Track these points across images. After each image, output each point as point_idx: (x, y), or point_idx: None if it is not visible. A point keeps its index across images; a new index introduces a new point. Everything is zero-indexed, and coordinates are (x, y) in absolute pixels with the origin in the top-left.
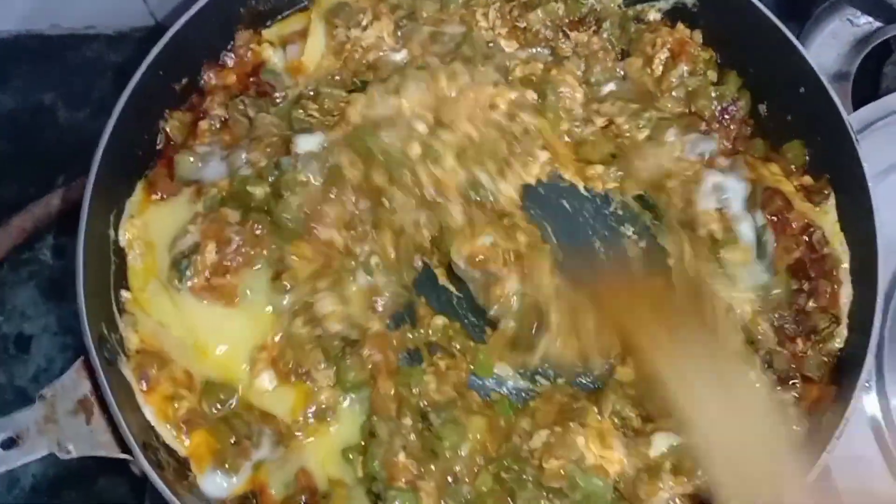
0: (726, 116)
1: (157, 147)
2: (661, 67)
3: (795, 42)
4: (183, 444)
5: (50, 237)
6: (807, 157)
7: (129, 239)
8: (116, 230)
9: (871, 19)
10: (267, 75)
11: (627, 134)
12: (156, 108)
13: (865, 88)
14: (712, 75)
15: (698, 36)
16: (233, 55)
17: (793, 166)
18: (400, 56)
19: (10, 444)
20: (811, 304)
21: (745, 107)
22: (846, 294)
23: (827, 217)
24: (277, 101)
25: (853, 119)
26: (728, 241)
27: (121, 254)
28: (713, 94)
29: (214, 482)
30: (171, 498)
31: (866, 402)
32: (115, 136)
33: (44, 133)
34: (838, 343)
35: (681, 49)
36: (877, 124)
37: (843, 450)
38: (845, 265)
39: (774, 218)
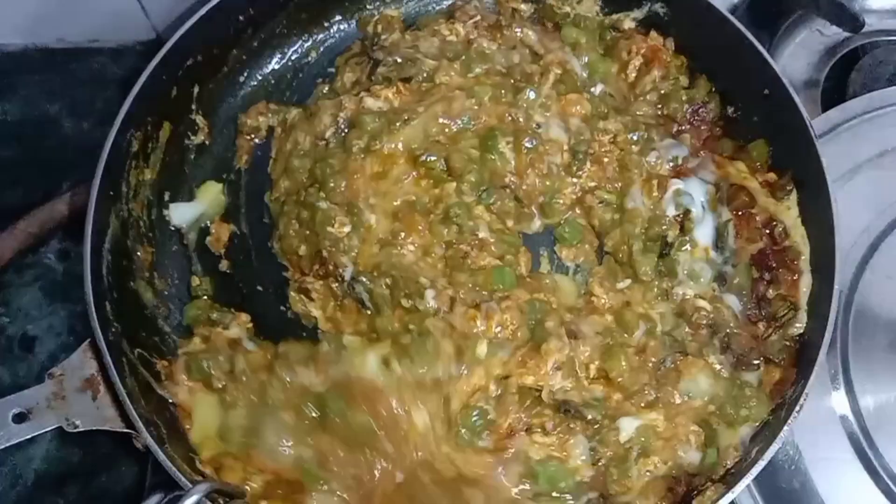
0: (697, 118)
1: None
2: (634, 73)
3: (759, 47)
4: None
5: (54, 241)
6: (771, 155)
7: None
8: None
9: (839, 30)
10: None
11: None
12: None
13: (834, 96)
14: (684, 80)
15: (670, 43)
16: None
17: (758, 164)
18: None
19: (21, 418)
20: (771, 291)
21: (716, 108)
22: (805, 283)
23: (789, 212)
24: None
25: (820, 121)
26: (681, 244)
27: None
28: (684, 98)
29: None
30: (171, 468)
31: (836, 403)
32: (116, 144)
33: (49, 142)
34: (798, 328)
35: (654, 56)
36: (842, 126)
37: (819, 453)
38: (805, 256)
39: (739, 213)
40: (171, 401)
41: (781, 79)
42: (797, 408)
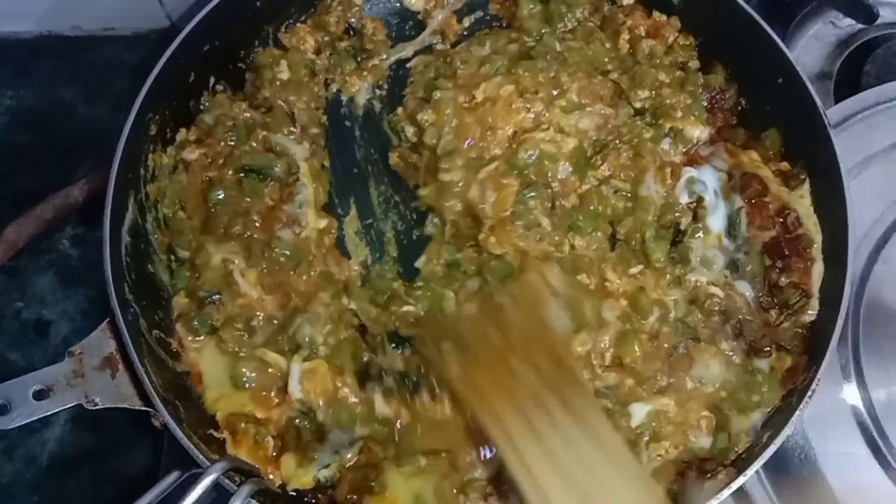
0: (715, 105)
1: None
2: (627, 47)
3: (774, 35)
4: None
5: (69, 227)
6: (784, 144)
7: None
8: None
9: (852, 22)
10: None
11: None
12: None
13: (848, 88)
14: (695, 63)
15: (676, 21)
16: None
17: (770, 153)
18: None
19: (42, 395)
20: (783, 279)
21: (733, 97)
22: (818, 271)
23: (802, 201)
24: None
25: (833, 112)
26: (694, 231)
27: None
28: (700, 82)
29: None
30: (190, 446)
31: (848, 394)
32: (134, 127)
33: (63, 128)
34: (810, 315)
35: (656, 32)
36: (855, 117)
37: (831, 447)
38: (817, 244)
39: (751, 201)
40: (184, 374)
41: (795, 67)
42: (809, 394)
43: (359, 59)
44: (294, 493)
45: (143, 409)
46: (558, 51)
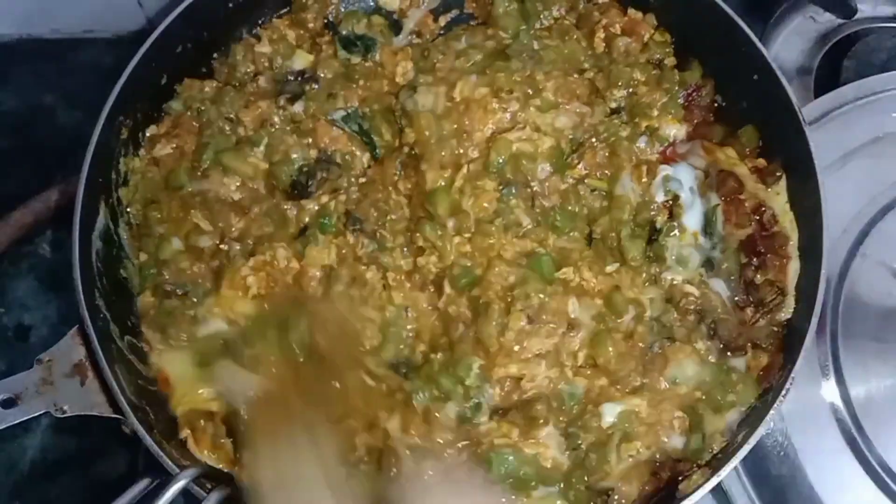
0: (691, 102)
1: None
2: (602, 45)
3: (749, 32)
4: None
5: (49, 231)
6: (760, 142)
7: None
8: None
9: (832, 16)
10: None
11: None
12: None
13: (828, 83)
14: (671, 60)
15: (651, 19)
16: None
17: (747, 150)
18: None
19: (10, 403)
20: (759, 277)
21: (710, 93)
22: (794, 268)
23: (778, 198)
24: None
25: (811, 108)
26: (669, 230)
27: None
28: (676, 79)
29: None
30: (159, 453)
31: (827, 391)
32: (105, 131)
33: (43, 132)
34: (786, 313)
35: (632, 30)
36: (834, 113)
37: (810, 443)
38: (793, 242)
39: (727, 199)
40: (155, 379)
41: (771, 63)
42: (784, 392)
43: None
44: None
45: (113, 416)
46: (535, 49)
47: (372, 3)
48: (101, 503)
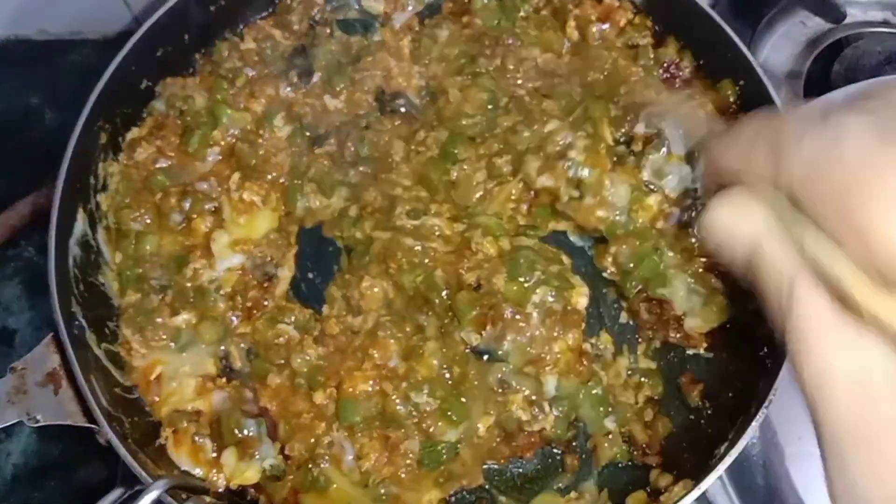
0: (670, 76)
1: None
2: (576, 32)
3: (735, 38)
4: None
5: (35, 235)
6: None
7: None
8: None
9: (821, 21)
10: None
11: None
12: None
13: (817, 87)
14: (648, 40)
15: (627, 4)
16: None
17: (729, 103)
18: None
19: None
20: None
21: (689, 65)
22: None
23: None
24: None
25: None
26: (657, 146)
27: None
28: (651, 56)
29: None
30: (133, 463)
31: None
32: (82, 136)
33: (31, 134)
34: None
35: (608, 16)
36: None
37: (796, 447)
38: None
39: None
40: (133, 387)
41: (757, 70)
42: (766, 403)
43: None
44: (237, 498)
45: (87, 425)
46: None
47: (356, 6)
48: None
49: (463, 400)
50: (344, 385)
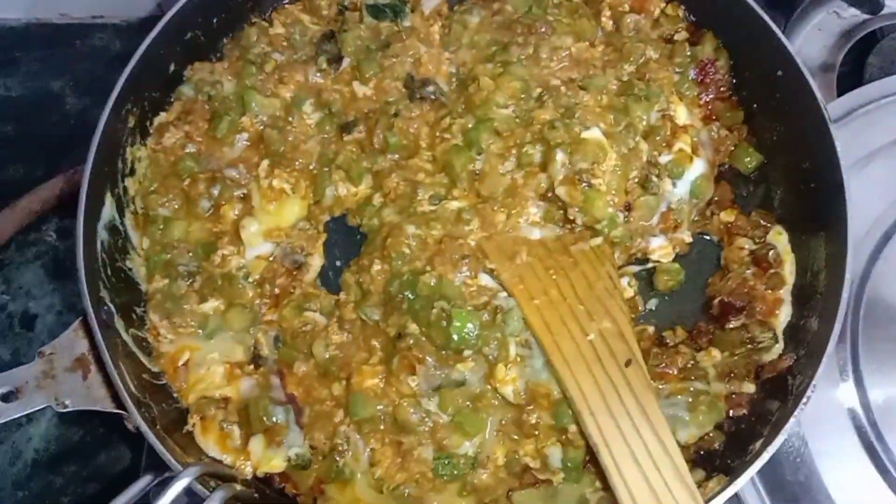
0: (706, 76)
1: None
2: (610, 22)
3: (774, 27)
4: None
5: (56, 219)
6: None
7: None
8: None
9: (856, 12)
10: None
11: None
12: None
13: (851, 80)
14: (683, 35)
15: None
16: None
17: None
18: None
19: (10, 397)
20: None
21: (725, 65)
22: (785, 313)
23: (780, 237)
24: None
25: (834, 106)
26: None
27: None
28: (688, 53)
29: None
30: (162, 451)
31: (844, 395)
32: (111, 121)
33: (51, 118)
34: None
35: (641, 7)
36: (858, 112)
37: (825, 445)
38: (788, 286)
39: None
40: (161, 374)
41: (796, 60)
42: (804, 400)
43: None
44: (264, 486)
45: (116, 411)
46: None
47: None
48: (105, 495)
49: (481, 415)
50: (353, 379)
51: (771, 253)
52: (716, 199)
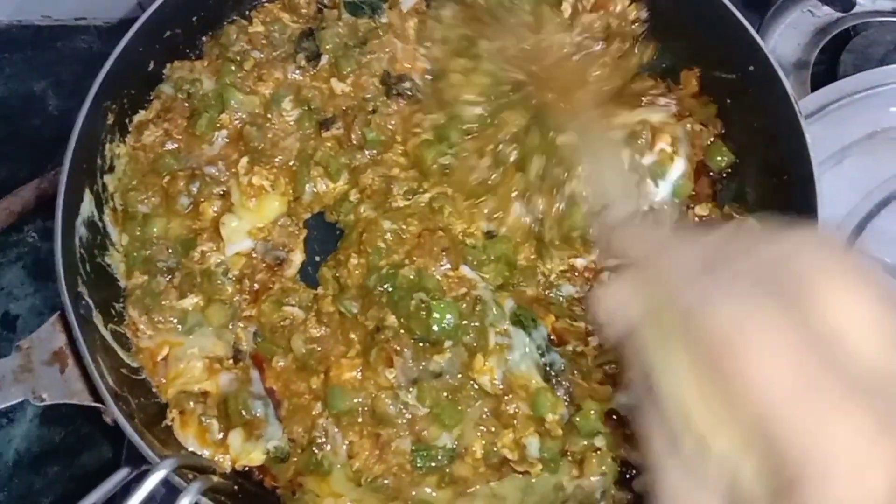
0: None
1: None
2: (569, 9)
3: (746, 23)
4: None
5: (38, 220)
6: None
7: None
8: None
9: (830, 10)
10: None
11: None
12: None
13: (825, 77)
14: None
15: None
16: None
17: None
18: None
19: None
20: None
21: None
22: None
23: None
24: None
25: (808, 102)
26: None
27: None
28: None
29: None
30: (140, 443)
31: None
32: (89, 117)
33: (34, 120)
34: None
35: (603, 4)
36: (831, 107)
37: None
38: None
39: None
40: (140, 369)
41: (765, 53)
42: None
43: None
44: (242, 479)
45: (93, 404)
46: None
47: None
48: (86, 494)
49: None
50: (332, 372)
51: None
52: (693, 193)
